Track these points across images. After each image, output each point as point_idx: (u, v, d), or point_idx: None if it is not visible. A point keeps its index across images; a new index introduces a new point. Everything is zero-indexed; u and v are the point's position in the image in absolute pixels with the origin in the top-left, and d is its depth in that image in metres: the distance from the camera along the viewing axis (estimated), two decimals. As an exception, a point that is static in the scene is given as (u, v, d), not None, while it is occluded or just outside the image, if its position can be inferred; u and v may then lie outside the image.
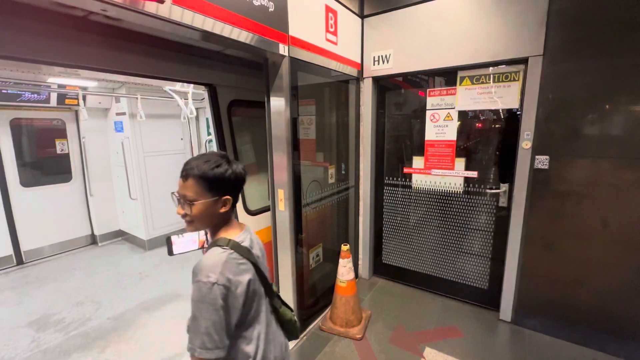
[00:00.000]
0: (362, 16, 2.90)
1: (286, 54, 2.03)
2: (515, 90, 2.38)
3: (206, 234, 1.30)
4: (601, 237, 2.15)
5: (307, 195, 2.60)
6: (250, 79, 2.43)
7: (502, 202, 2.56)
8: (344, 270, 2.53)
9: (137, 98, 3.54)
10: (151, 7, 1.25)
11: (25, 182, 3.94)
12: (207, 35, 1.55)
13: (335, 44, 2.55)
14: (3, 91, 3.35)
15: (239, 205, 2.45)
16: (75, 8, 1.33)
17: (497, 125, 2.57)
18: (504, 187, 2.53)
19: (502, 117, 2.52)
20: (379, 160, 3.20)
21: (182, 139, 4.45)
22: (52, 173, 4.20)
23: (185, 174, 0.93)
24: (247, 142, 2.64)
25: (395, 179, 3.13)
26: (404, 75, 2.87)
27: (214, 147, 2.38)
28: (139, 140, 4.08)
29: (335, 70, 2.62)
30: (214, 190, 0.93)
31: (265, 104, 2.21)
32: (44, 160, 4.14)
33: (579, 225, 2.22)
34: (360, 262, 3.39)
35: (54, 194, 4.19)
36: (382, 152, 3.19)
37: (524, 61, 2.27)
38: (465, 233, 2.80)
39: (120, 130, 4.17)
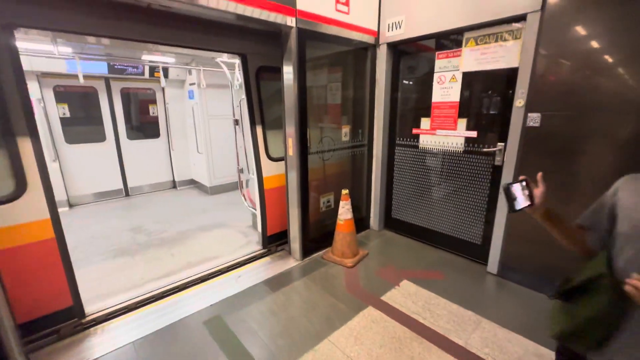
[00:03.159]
0: (380, -15, 3.12)
1: (293, 25, 2.50)
2: (516, 48, 2.41)
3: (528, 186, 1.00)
4: (589, 194, 2.17)
5: (317, 147, 3.11)
6: (274, 48, 2.95)
7: (498, 160, 2.65)
8: (343, 210, 3.01)
9: (200, 70, 4.44)
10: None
11: (130, 136, 5.33)
12: (226, 14, 2.13)
13: (347, 13, 2.88)
14: (116, 67, 4.59)
15: (262, 152, 3.09)
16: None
17: (497, 85, 2.62)
18: (500, 145, 2.62)
19: (503, 77, 2.56)
20: (392, 122, 3.47)
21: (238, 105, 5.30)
22: (147, 130, 5.55)
23: None
24: (272, 101, 3.21)
25: (405, 139, 3.39)
26: (415, 40, 3.04)
27: (244, 106, 3.03)
28: (205, 106, 5.06)
29: (347, 38, 2.97)
30: None
31: (281, 68, 2.74)
32: (142, 120, 5.48)
33: (567, 184, 2.25)
34: (371, 214, 3.80)
35: (148, 147, 5.55)
36: (395, 114, 3.44)
37: (523, 18, 2.28)
38: (464, 191, 2.97)
39: (192, 98, 5.22)
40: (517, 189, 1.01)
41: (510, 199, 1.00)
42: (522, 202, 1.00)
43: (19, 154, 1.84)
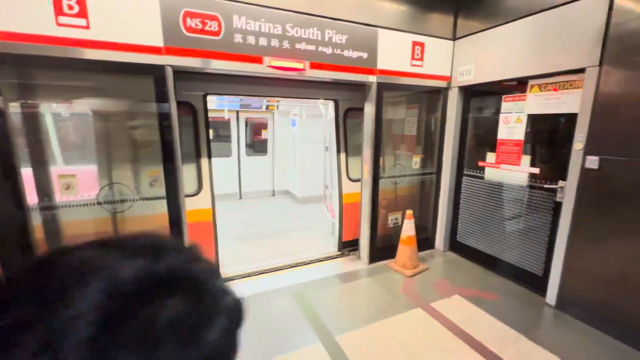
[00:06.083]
0: (454, 39, 3.65)
1: (374, 80, 3.29)
2: (578, 96, 2.63)
3: None
4: (649, 238, 2.23)
5: (389, 172, 3.78)
6: (358, 94, 3.77)
7: (559, 197, 2.82)
8: (407, 227, 3.56)
9: (302, 106, 5.66)
10: (297, 72, 2.89)
11: (247, 153, 6.96)
12: (326, 79, 3.07)
13: (421, 66, 3.52)
14: (244, 103, 6.24)
15: (343, 173, 3.91)
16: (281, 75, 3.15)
17: (559, 128, 2.82)
18: (562, 184, 2.79)
19: (565, 120, 2.77)
20: (461, 154, 3.86)
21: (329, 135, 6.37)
22: (258, 149, 7.12)
23: None
24: (353, 133, 4.03)
25: (472, 170, 3.73)
26: (483, 85, 3.43)
27: (333, 138, 3.93)
28: (302, 133, 6.28)
29: (421, 85, 3.59)
30: None
31: (363, 109, 3.56)
32: (255, 140, 7.09)
33: (626, 224, 2.34)
34: (437, 236, 4.17)
35: (258, 161, 7.10)
36: (463, 147, 3.83)
37: (582, 71, 2.53)
38: (526, 222, 3.15)
39: (293, 125, 6.53)
40: None
41: None
42: None
43: (201, 168, 3.12)
